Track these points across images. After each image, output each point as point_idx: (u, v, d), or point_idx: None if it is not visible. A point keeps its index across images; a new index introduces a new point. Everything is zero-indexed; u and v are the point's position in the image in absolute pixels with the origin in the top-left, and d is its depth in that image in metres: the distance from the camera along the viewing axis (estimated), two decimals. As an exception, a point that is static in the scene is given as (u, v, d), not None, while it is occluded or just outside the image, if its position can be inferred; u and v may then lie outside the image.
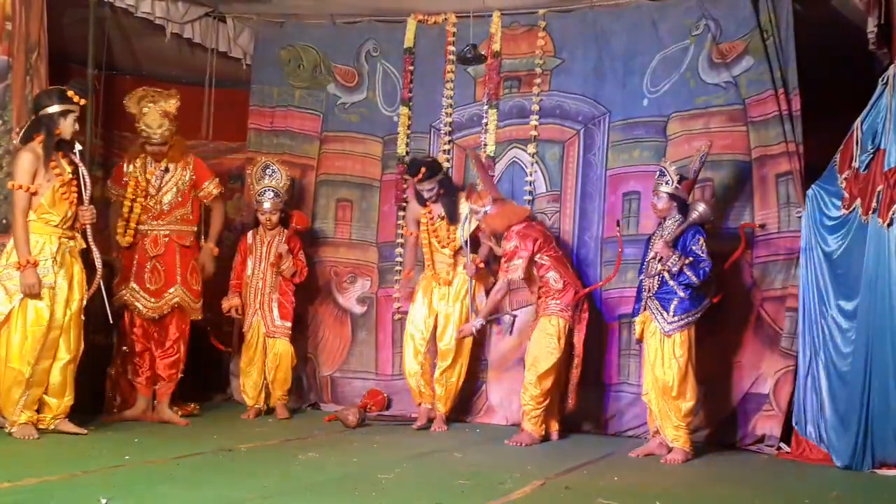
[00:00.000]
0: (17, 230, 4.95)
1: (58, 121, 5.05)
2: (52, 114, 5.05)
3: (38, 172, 5.00)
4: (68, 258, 5.11)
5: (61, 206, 5.06)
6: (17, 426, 4.94)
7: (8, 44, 5.47)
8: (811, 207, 5.49)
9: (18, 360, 4.94)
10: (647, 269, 5.43)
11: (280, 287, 6.44)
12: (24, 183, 4.95)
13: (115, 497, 3.47)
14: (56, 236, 5.06)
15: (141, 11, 6.65)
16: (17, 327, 4.96)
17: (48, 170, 5.03)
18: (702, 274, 5.20)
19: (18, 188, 4.95)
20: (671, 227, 5.37)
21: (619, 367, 6.24)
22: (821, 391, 5.28)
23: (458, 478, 4.31)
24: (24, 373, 4.93)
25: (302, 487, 3.99)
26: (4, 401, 4.98)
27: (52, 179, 5.04)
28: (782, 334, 5.71)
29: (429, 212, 6.34)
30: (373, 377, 6.84)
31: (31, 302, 4.96)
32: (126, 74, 7.28)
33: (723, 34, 6.14)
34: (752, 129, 6.00)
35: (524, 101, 6.71)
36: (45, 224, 5.03)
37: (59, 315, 5.04)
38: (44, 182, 5.01)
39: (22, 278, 4.90)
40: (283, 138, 7.16)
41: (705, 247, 5.25)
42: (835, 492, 4.34)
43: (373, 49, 7.11)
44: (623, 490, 4.20)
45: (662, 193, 5.42)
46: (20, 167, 4.98)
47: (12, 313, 4.95)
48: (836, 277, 5.28)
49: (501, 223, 5.84)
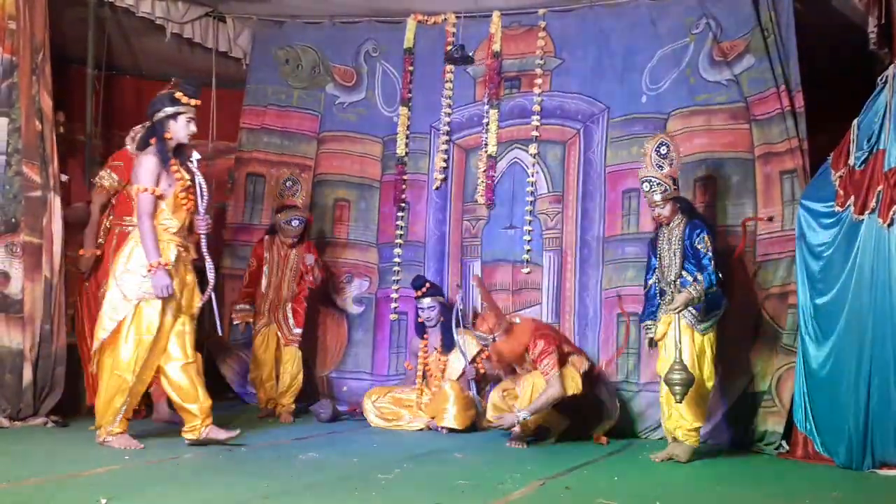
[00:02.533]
0: (146, 233, 4.80)
1: (167, 124, 4.94)
2: (164, 118, 4.94)
3: (161, 177, 4.88)
4: (182, 268, 5.00)
5: (180, 213, 4.95)
6: (115, 436, 4.80)
7: (11, 42, 5.48)
8: (798, 230, 5.45)
9: (125, 367, 4.81)
10: (662, 276, 5.28)
11: (296, 295, 6.49)
12: (149, 186, 4.83)
13: (115, 497, 3.46)
14: (174, 244, 4.93)
15: (141, 11, 6.67)
16: (129, 335, 4.82)
17: (169, 174, 4.92)
18: (714, 278, 5.10)
19: (143, 191, 4.82)
20: (675, 228, 5.25)
21: (617, 366, 6.24)
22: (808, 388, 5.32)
23: (458, 478, 4.30)
24: (128, 381, 4.80)
25: (302, 487, 3.99)
26: (105, 409, 4.82)
27: (173, 185, 4.92)
28: (783, 331, 5.72)
29: (425, 345, 6.38)
30: (368, 377, 6.84)
31: (145, 309, 4.83)
32: (126, 74, 7.29)
33: (723, 32, 6.15)
34: (755, 127, 6.01)
35: (525, 101, 6.72)
36: (164, 231, 4.90)
37: (168, 323, 4.93)
38: (166, 188, 4.89)
39: (154, 280, 4.77)
40: (275, 137, 7.16)
41: (710, 244, 5.15)
42: (835, 492, 4.34)
43: (372, 49, 7.12)
44: (623, 490, 4.20)
45: (662, 201, 5.22)
46: (144, 170, 4.85)
47: (125, 320, 4.82)
48: (815, 274, 5.28)
49: (509, 350, 5.57)
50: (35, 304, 5.50)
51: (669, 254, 5.27)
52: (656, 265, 5.38)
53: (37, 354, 5.50)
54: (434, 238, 6.88)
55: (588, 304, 6.41)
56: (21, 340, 5.45)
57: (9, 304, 5.43)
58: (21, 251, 5.48)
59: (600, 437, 5.79)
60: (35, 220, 5.54)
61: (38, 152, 5.56)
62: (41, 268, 5.54)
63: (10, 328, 5.44)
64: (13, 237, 5.47)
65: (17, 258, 5.47)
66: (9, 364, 5.40)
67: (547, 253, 6.58)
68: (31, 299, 5.49)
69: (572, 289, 6.45)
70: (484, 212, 6.76)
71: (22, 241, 5.49)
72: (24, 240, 5.50)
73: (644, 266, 6.20)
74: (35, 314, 5.50)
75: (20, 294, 5.46)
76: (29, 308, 5.48)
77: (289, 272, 6.49)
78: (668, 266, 5.26)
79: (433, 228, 6.89)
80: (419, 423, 6.15)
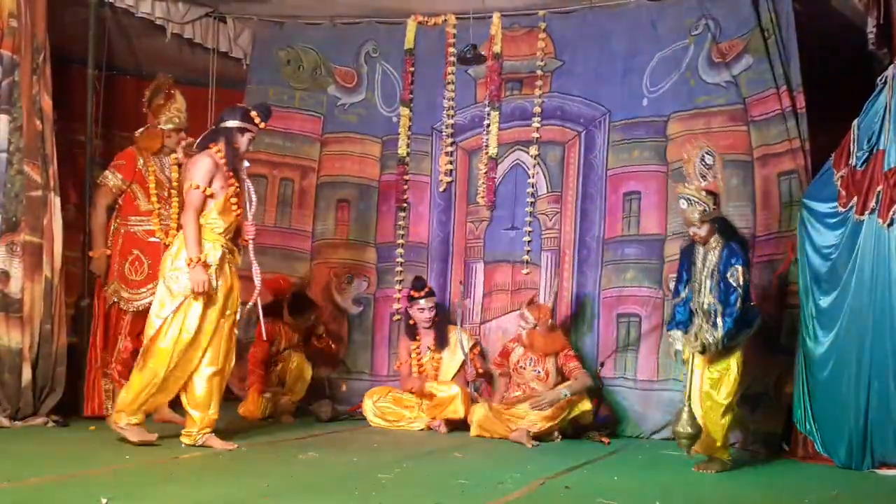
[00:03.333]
0: (190, 228, 4.87)
1: (236, 135, 5.05)
2: (233, 128, 5.06)
3: (215, 179, 4.96)
4: (227, 269, 5.02)
5: (228, 216, 5.00)
6: (132, 427, 4.82)
7: (12, 41, 5.48)
8: (801, 230, 5.43)
9: (160, 362, 4.83)
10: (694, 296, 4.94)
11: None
12: (201, 184, 4.90)
13: (115, 497, 3.46)
14: (220, 244, 4.98)
15: (141, 12, 6.68)
16: (170, 332, 4.85)
17: (225, 178, 4.99)
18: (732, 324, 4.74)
19: (196, 188, 4.90)
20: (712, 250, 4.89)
21: (615, 362, 6.25)
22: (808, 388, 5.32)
23: (458, 478, 4.30)
24: (159, 375, 4.83)
25: (302, 487, 3.99)
26: (132, 399, 4.84)
27: (226, 188, 4.99)
28: (782, 332, 5.72)
29: (417, 346, 6.40)
30: (368, 378, 6.84)
31: (191, 307, 4.86)
32: (126, 74, 7.28)
33: (722, 33, 6.16)
34: (753, 129, 6.02)
35: (526, 102, 6.73)
36: (211, 231, 4.95)
37: (210, 324, 4.94)
38: (218, 189, 4.96)
39: (191, 274, 4.81)
40: (276, 138, 7.16)
41: (742, 276, 4.77)
42: (835, 491, 4.34)
43: (372, 50, 7.12)
44: (623, 490, 4.20)
45: (701, 222, 4.87)
46: (199, 169, 4.94)
47: (169, 316, 4.84)
48: (821, 274, 5.28)
49: (544, 343, 5.91)
50: (35, 303, 5.50)
51: (702, 276, 4.94)
52: (687, 278, 5.04)
53: (36, 354, 5.49)
54: (437, 239, 6.88)
55: (586, 305, 6.41)
56: (20, 340, 5.43)
57: (8, 304, 5.42)
58: (21, 251, 5.47)
59: (600, 437, 5.81)
60: (36, 219, 5.54)
61: (38, 152, 5.56)
62: (41, 268, 5.54)
63: (10, 328, 5.42)
64: (14, 236, 5.46)
65: (18, 257, 5.46)
66: (8, 363, 5.39)
67: (545, 253, 6.59)
68: (30, 299, 5.48)
69: (570, 288, 6.45)
70: (486, 213, 6.76)
71: (22, 241, 5.48)
72: (25, 239, 5.49)
73: (643, 267, 6.25)
74: (34, 314, 5.50)
75: (20, 293, 5.45)
76: (28, 308, 5.47)
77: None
78: (700, 290, 4.94)
79: (436, 230, 6.89)
80: (420, 423, 6.15)
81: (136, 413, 4.85)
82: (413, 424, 6.16)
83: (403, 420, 6.18)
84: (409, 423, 6.16)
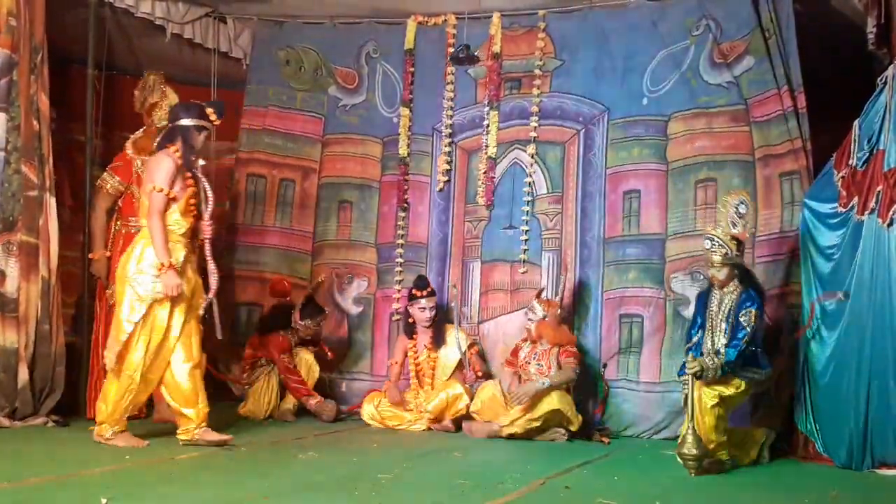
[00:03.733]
0: (157, 233, 4.84)
1: (192, 132, 5.03)
2: (190, 126, 5.03)
3: (176, 180, 4.94)
4: (189, 269, 5.05)
5: (189, 217, 5.01)
6: (118, 435, 4.85)
7: (11, 39, 5.48)
8: (804, 229, 5.44)
9: (135, 368, 4.85)
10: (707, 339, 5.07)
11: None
12: (164, 187, 4.87)
13: (115, 497, 3.46)
14: (182, 245, 4.99)
15: (141, 12, 6.67)
16: (141, 337, 4.86)
17: (184, 179, 4.98)
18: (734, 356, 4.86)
19: (160, 191, 4.86)
20: (729, 294, 5.06)
21: (618, 364, 6.25)
22: (808, 388, 5.32)
23: (458, 478, 4.30)
24: (136, 381, 4.85)
25: (302, 487, 3.99)
26: (113, 409, 4.86)
27: (185, 190, 4.99)
28: (782, 332, 5.71)
29: (414, 345, 6.41)
30: (368, 377, 6.84)
31: (157, 310, 4.87)
32: (126, 74, 7.28)
33: (723, 34, 6.16)
34: (755, 129, 6.02)
35: (525, 102, 6.72)
36: (173, 232, 4.95)
37: (177, 324, 4.97)
38: (179, 191, 4.96)
39: (164, 279, 4.81)
40: (277, 139, 7.16)
41: (755, 320, 4.92)
42: (834, 491, 4.34)
43: (372, 50, 7.12)
44: (623, 490, 4.20)
45: (721, 264, 5.02)
46: (162, 171, 4.90)
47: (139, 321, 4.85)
48: (825, 275, 5.28)
49: (553, 334, 5.93)
50: (30, 303, 5.50)
51: (717, 320, 5.07)
52: (700, 323, 5.16)
53: (32, 354, 5.50)
54: (437, 239, 6.87)
55: (588, 305, 6.41)
56: (15, 340, 5.43)
57: (4, 303, 5.42)
58: (18, 250, 5.47)
59: (601, 437, 5.81)
60: (32, 219, 5.54)
61: (35, 152, 5.57)
62: (38, 268, 5.54)
63: (6, 327, 5.42)
64: (10, 236, 5.46)
65: (14, 257, 5.46)
66: (2, 363, 5.39)
67: (546, 253, 6.58)
68: (25, 299, 5.48)
69: (571, 288, 6.45)
70: (485, 213, 6.76)
71: (19, 241, 5.48)
72: (21, 239, 5.49)
73: (645, 267, 6.25)
74: (30, 314, 5.50)
75: (16, 293, 5.45)
76: (24, 307, 5.47)
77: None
78: (713, 333, 5.06)
79: (436, 229, 6.88)
80: (420, 425, 6.15)
81: (118, 422, 4.86)
82: (413, 427, 6.16)
83: (404, 423, 6.18)
84: (409, 425, 6.17)
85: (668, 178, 6.26)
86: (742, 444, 5.12)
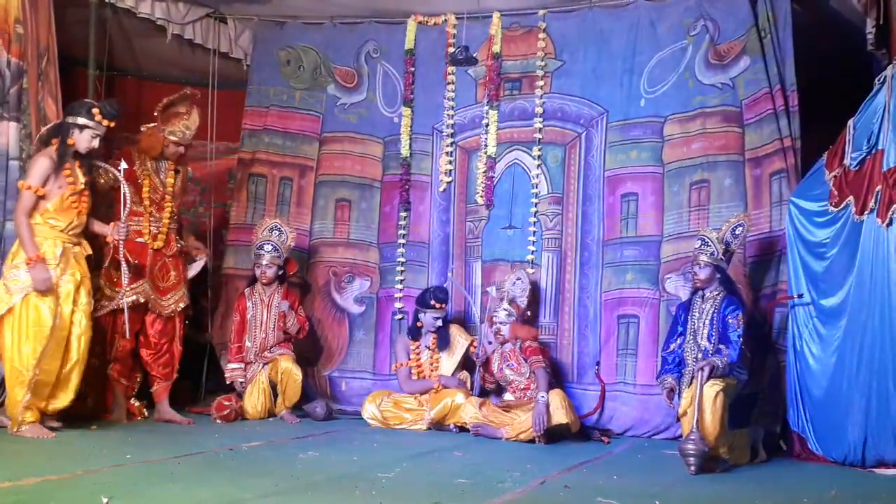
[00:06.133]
0: (22, 228, 5.02)
1: (72, 131, 5.16)
2: (71, 123, 5.18)
3: (50, 178, 5.09)
4: (73, 262, 5.14)
5: (68, 213, 5.13)
6: (26, 426, 4.94)
7: (19, 47, 5.52)
8: (791, 228, 5.46)
9: (19, 360, 4.96)
10: (688, 345, 5.29)
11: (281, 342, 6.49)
12: (34, 185, 5.04)
13: (115, 497, 3.47)
14: (60, 240, 5.11)
15: (142, 12, 6.69)
16: (16, 327, 4.97)
17: (59, 176, 5.11)
18: (738, 354, 5.08)
19: (28, 188, 5.04)
20: (711, 299, 5.28)
21: (616, 367, 6.25)
22: (801, 388, 5.33)
23: (458, 477, 4.31)
24: (24, 374, 4.94)
25: (302, 487, 4.00)
26: (10, 399, 5.00)
27: (64, 187, 5.11)
28: (774, 330, 5.72)
29: (416, 346, 6.45)
30: (370, 377, 6.85)
31: (34, 302, 4.98)
32: (127, 75, 7.30)
33: (721, 35, 6.17)
34: (747, 130, 6.05)
35: (525, 102, 6.73)
36: (50, 228, 5.09)
37: (66, 316, 5.06)
38: (54, 188, 5.09)
39: (33, 273, 4.93)
40: (276, 138, 7.17)
41: (742, 323, 5.13)
42: (834, 491, 4.34)
43: (373, 50, 7.13)
44: (623, 490, 4.20)
45: (705, 263, 5.29)
46: (34, 169, 5.09)
47: (12, 311, 4.96)
48: (818, 274, 5.29)
49: (523, 333, 6.05)
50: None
51: (699, 323, 5.28)
52: (681, 332, 5.36)
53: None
54: (438, 239, 6.88)
55: (588, 306, 6.42)
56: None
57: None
58: None
59: (601, 437, 5.81)
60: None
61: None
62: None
63: None
64: None
65: None
66: None
67: (546, 253, 6.59)
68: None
69: (572, 290, 6.46)
70: (485, 212, 6.77)
71: None
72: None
73: (641, 268, 6.25)
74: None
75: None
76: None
77: (271, 321, 6.44)
78: (695, 336, 5.27)
79: (437, 229, 6.89)
80: (421, 425, 6.16)
81: (23, 413, 4.94)
82: (414, 426, 6.16)
83: (405, 423, 6.19)
84: (410, 424, 6.17)
85: (664, 181, 6.28)
86: (733, 447, 5.12)
